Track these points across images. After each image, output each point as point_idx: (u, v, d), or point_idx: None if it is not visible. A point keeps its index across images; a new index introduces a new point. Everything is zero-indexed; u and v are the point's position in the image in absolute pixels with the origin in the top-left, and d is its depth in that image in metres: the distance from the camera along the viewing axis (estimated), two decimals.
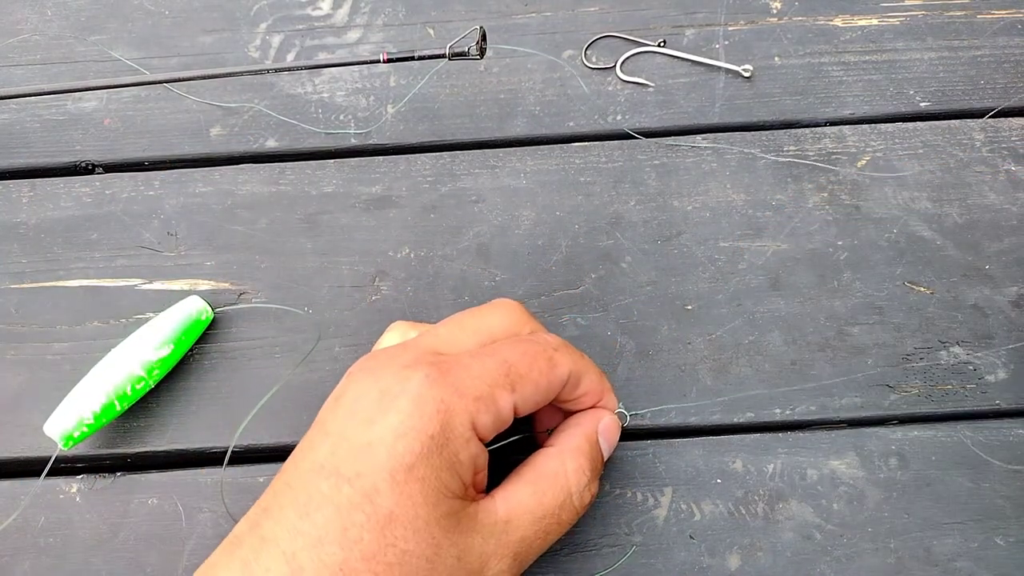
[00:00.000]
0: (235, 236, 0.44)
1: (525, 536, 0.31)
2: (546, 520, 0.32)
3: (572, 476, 0.32)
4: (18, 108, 0.48)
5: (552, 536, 0.32)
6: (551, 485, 0.32)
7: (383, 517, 0.28)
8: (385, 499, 0.28)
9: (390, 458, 0.28)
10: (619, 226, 0.44)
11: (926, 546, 0.37)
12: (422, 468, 0.28)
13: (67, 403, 0.37)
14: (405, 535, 0.28)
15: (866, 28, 0.48)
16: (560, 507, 0.32)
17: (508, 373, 0.31)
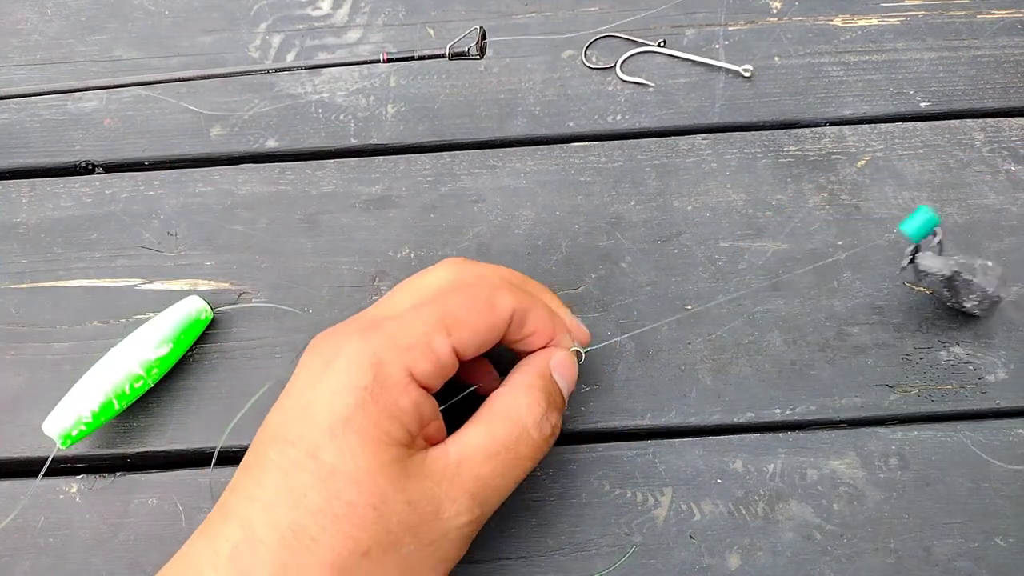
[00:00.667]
0: (235, 236, 0.44)
1: (480, 475, 0.30)
2: (502, 456, 0.31)
3: (525, 409, 0.32)
4: (18, 108, 0.48)
5: (513, 472, 0.31)
6: (504, 421, 0.32)
7: (325, 472, 0.29)
8: (326, 454, 0.29)
9: (328, 415, 0.29)
10: (619, 226, 0.44)
11: (926, 546, 0.37)
12: (358, 419, 0.29)
13: (65, 402, 0.37)
14: (348, 487, 0.28)
15: (866, 28, 0.48)
16: (516, 441, 0.31)
17: (443, 318, 0.31)
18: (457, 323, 0.32)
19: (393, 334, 0.31)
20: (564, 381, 0.34)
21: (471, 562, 0.37)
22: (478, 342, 0.32)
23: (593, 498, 0.38)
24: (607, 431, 0.40)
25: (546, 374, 0.33)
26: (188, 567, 0.30)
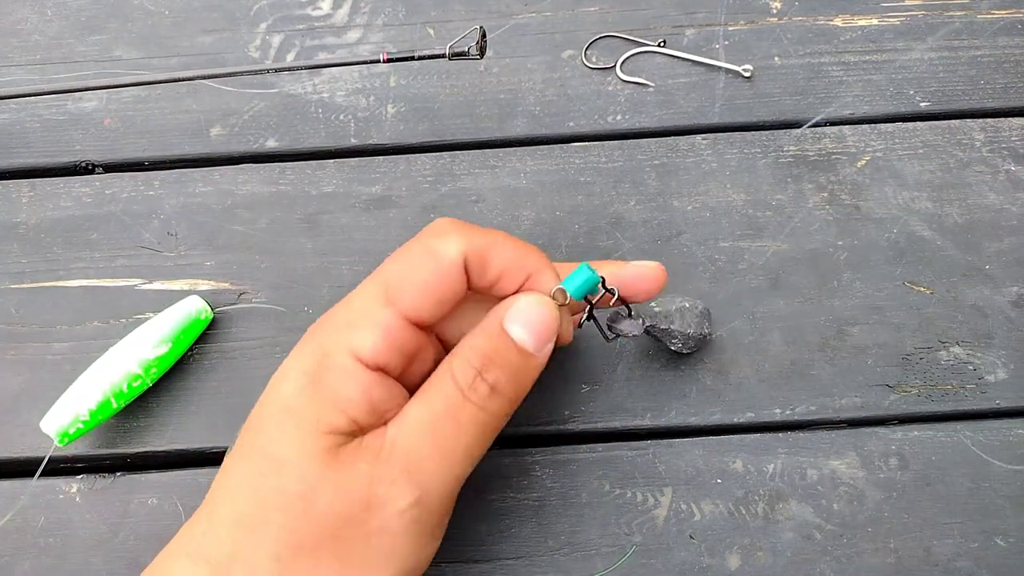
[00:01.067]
0: (235, 236, 0.44)
1: (413, 447, 0.27)
2: (439, 424, 0.28)
3: (457, 372, 0.28)
4: (18, 108, 0.48)
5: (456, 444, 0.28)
6: (438, 388, 0.28)
7: (267, 459, 0.28)
8: (268, 442, 0.28)
9: (274, 402, 0.28)
10: (619, 226, 0.44)
11: (926, 546, 0.37)
12: (297, 406, 0.28)
13: (64, 400, 0.37)
14: (280, 476, 0.27)
15: (866, 28, 0.48)
16: (452, 408, 0.28)
17: (383, 286, 0.29)
18: (398, 287, 0.29)
19: (334, 316, 0.29)
20: (526, 330, 0.29)
21: (471, 561, 0.37)
22: (431, 301, 0.29)
23: (593, 498, 0.38)
24: (607, 431, 0.40)
25: (491, 329, 0.29)
26: (170, 554, 0.29)
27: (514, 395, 0.29)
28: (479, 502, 0.38)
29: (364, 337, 0.28)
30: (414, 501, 0.27)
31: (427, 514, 0.28)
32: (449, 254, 0.29)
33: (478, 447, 0.29)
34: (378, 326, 0.28)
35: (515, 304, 0.29)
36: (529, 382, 0.30)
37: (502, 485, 0.38)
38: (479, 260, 0.29)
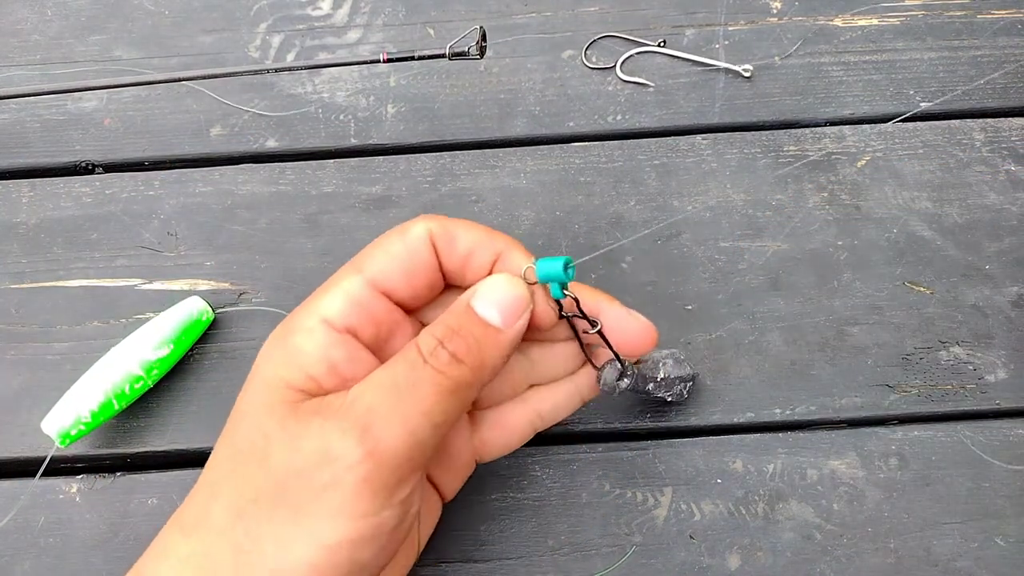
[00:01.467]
0: (235, 236, 0.44)
1: (370, 403, 0.27)
2: (397, 383, 0.28)
3: (421, 341, 0.29)
4: (18, 108, 0.48)
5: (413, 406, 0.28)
6: (401, 356, 0.29)
7: (235, 417, 0.29)
8: (239, 401, 0.30)
9: (253, 365, 0.30)
10: (619, 226, 0.44)
11: (926, 546, 0.37)
12: (263, 366, 0.29)
13: (65, 401, 0.37)
14: (241, 427, 0.29)
15: (866, 28, 0.48)
16: (412, 371, 0.28)
17: (354, 261, 0.30)
18: (368, 259, 0.30)
19: (312, 292, 0.30)
20: (492, 306, 0.29)
21: (471, 561, 0.37)
22: (397, 270, 0.30)
23: (593, 498, 0.38)
24: (607, 431, 0.40)
25: (456, 307, 0.30)
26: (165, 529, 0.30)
27: (477, 364, 0.29)
28: (479, 502, 0.38)
29: (331, 301, 0.29)
30: (366, 454, 0.27)
31: (381, 471, 0.27)
32: (415, 229, 0.31)
33: (439, 412, 0.28)
34: (344, 291, 0.29)
35: (482, 283, 0.30)
36: (497, 354, 0.30)
37: (502, 485, 0.39)
38: (446, 236, 0.31)
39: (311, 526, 0.27)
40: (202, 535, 0.28)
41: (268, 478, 0.27)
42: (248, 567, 0.27)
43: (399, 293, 0.31)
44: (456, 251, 0.31)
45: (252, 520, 0.27)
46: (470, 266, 0.31)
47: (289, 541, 0.27)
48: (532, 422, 0.35)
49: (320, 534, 0.27)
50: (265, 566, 0.27)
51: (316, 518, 0.27)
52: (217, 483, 0.29)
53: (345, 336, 0.29)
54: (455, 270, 0.31)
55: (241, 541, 0.27)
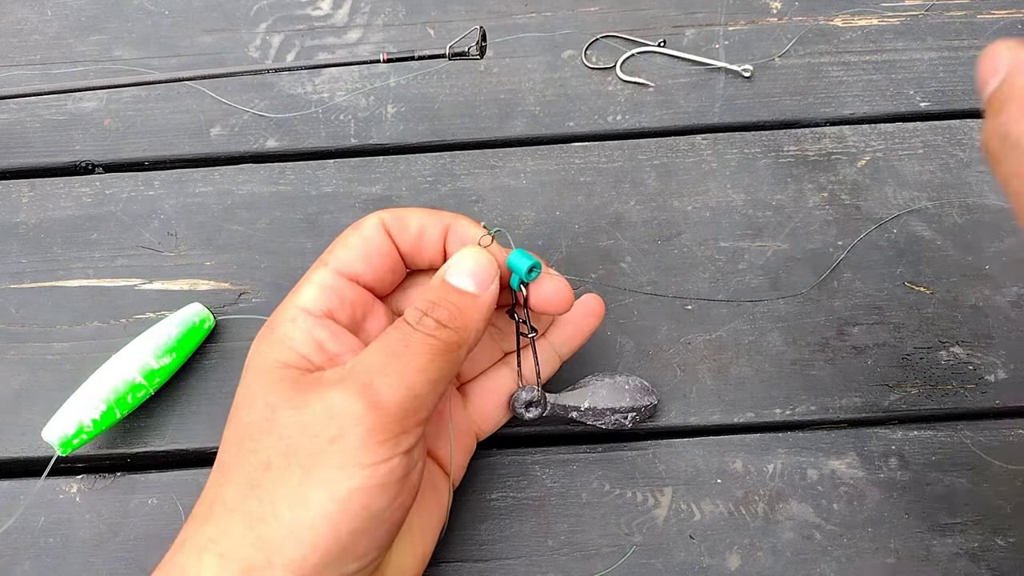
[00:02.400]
0: (235, 236, 0.44)
1: (368, 365, 0.30)
2: (391, 346, 0.30)
3: (408, 315, 0.32)
4: (18, 108, 0.48)
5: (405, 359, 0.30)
6: (391, 328, 0.32)
7: (231, 412, 0.31)
8: (237, 397, 0.31)
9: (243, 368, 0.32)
10: (619, 226, 0.44)
11: (926, 546, 0.37)
12: (254, 359, 0.32)
13: (66, 409, 0.37)
14: (245, 407, 0.31)
15: (866, 28, 0.48)
16: (404, 336, 0.31)
17: (320, 258, 0.34)
18: (330, 253, 0.34)
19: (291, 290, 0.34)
20: (464, 276, 0.32)
21: (471, 561, 0.37)
22: (357, 256, 0.33)
23: (593, 498, 0.38)
24: (607, 432, 0.40)
25: (433, 283, 0.33)
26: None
27: (462, 326, 0.32)
28: (479, 502, 0.38)
29: (305, 292, 0.33)
30: (369, 406, 0.29)
31: (385, 421, 0.29)
32: (368, 221, 0.34)
33: (434, 369, 0.30)
34: (315, 282, 0.33)
35: (452, 259, 0.33)
36: (477, 317, 0.32)
37: (502, 485, 0.39)
38: (397, 222, 0.34)
39: (323, 479, 0.28)
40: (216, 518, 0.29)
41: (278, 442, 0.29)
42: (266, 534, 0.28)
43: (364, 277, 0.34)
44: (408, 231, 0.34)
45: (264, 488, 0.28)
46: (423, 242, 0.34)
47: (303, 499, 0.28)
48: (516, 381, 0.37)
49: (333, 486, 0.28)
50: (282, 528, 0.28)
51: (327, 470, 0.28)
52: (226, 466, 0.30)
53: (324, 319, 0.32)
54: (411, 250, 0.34)
55: (254, 511, 0.28)
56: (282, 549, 0.28)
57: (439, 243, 0.34)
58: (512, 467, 0.39)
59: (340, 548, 0.28)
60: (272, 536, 0.28)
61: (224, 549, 0.28)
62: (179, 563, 0.29)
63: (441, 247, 0.34)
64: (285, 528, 0.28)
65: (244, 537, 0.28)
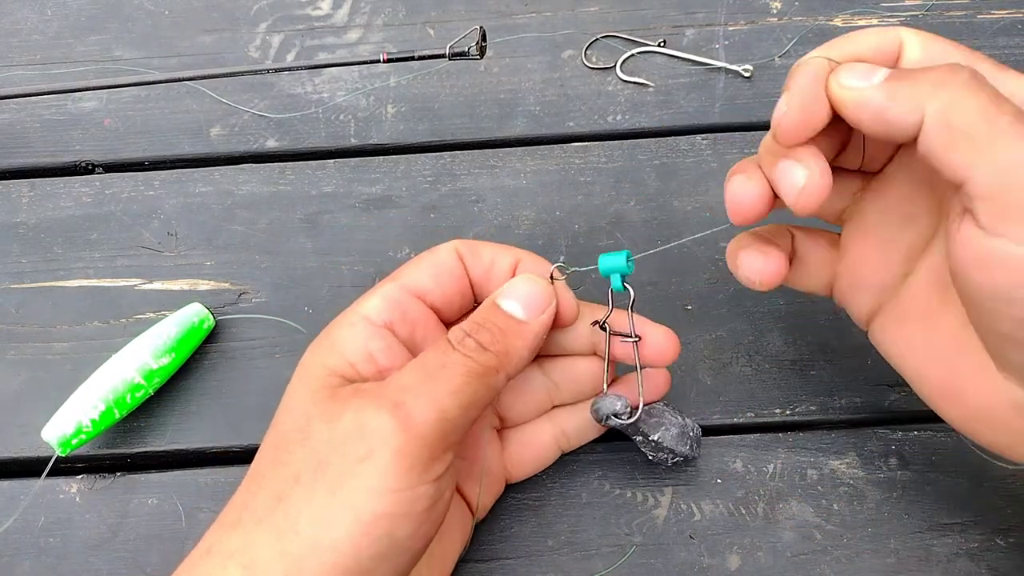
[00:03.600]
0: (235, 236, 0.44)
1: (402, 383, 0.29)
2: (428, 365, 0.30)
3: (451, 334, 0.31)
4: (18, 108, 0.48)
5: (439, 380, 0.29)
6: (431, 347, 0.31)
7: (280, 410, 0.31)
8: (285, 396, 0.31)
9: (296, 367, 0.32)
10: (619, 226, 0.44)
11: (926, 546, 0.37)
12: (307, 359, 0.32)
13: (66, 409, 0.37)
14: (284, 416, 0.31)
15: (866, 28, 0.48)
16: (442, 355, 0.30)
17: (391, 275, 0.34)
18: (402, 271, 0.34)
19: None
20: (516, 301, 0.32)
21: (471, 561, 0.37)
22: (427, 274, 0.33)
23: (593, 498, 0.38)
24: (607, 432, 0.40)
25: (484, 305, 0.33)
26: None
27: (502, 351, 0.31)
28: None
29: (370, 301, 0.33)
30: (399, 427, 0.28)
31: (414, 444, 0.28)
32: (443, 246, 0.34)
33: (468, 393, 0.30)
34: (381, 293, 0.33)
35: (506, 284, 0.33)
36: (521, 344, 0.32)
37: None
38: (470, 249, 0.34)
39: (348, 500, 0.28)
40: (245, 527, 0.29)
41: (310, 456, 0.29)
42: (290, 549, 0.28)
43: (432, 295, 0.33)
44: (480, 260, 0.34)
45: (291, 501, 0.28)
46: (493, 272, 0.34)
47: (328, 517, 0.28)
48: (557, 439, 0.37)
49: (358, 508, 0.28)
50: (305, 544, 0.27)
51: (353, 492, 0.28)
52: (260, 474, 0.30)
53: (382, 330, 0.32)
54: (481, 279, 0.34)
55: (281, 524, 0.28)
56: (302, 566, 0.27)
57: (508, 274, 0.34)
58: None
59: (359, 571, 0.28)
60: (295, 552, 0.28)
61: (249, 560, 0.28)
62: (203, 570, 0.28)
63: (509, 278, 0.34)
64: (308, 546, 0.27)
65: (270, 550, 0.28)
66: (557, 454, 0.37)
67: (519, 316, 0.32)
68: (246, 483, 0.30)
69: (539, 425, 0.37)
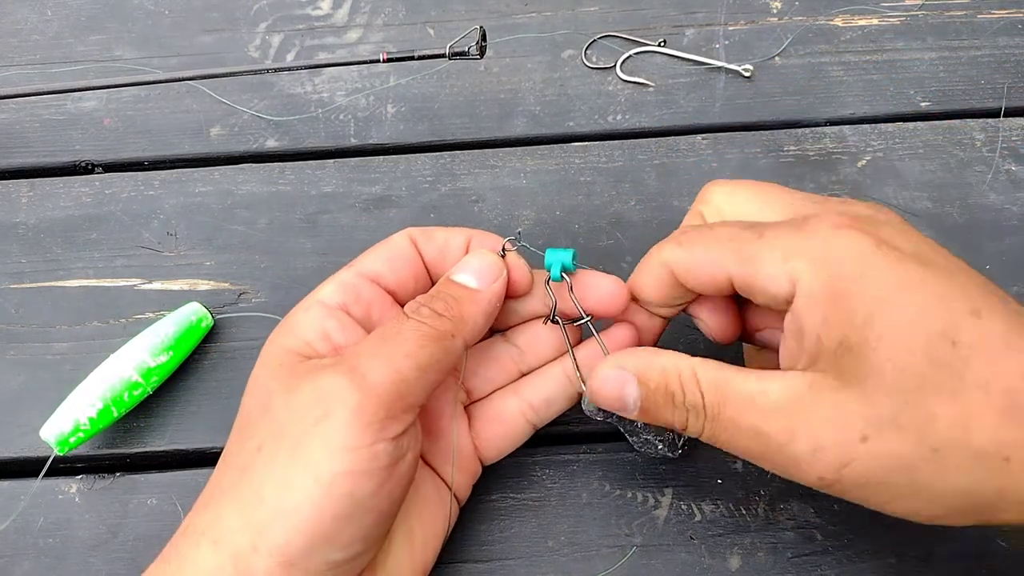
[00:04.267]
0: (235, 236, 0.44)
1: (359, 350, 0.30)
2: (383, 335, 0.31)
3: (408, 305, 0.32)
4: (17, 108, 0.48)
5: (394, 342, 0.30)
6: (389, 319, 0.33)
7: (245, 395, 0.32)
8: (248, 382, 0.32)
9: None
10: (619, 226, 0.44)
11: (927, 546, 0.37)
12: (267, 346, 0.33)
13: (64, 408, 0.37)
14: (247, 398, 0.32)
15: (866, 28, 0.48)
16: (397, 323, 0.31)
17: (350, 262, 0.35)
18: (358, 259, 0.35)
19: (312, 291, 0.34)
20: (466, 273, 0.33)
21: (471, 562, 0.37)
22: (381, 259, 0.34)
23: (593, 499, 0.38)
24: (608, 431, 0.40)
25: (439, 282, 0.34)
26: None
27: (457, 316, 0.32)
28: (479, 502, 0.38)
29: (325, 287, 0.34)
30: (354, 387, 0.29)
31: (369, 402, 0.29)
32: (398, 235, 0.35)
33: (424, 355, 0.30)
34: (336, 279, 0.34)
35: (460, 261, 0.34)
36: (476, 310, 0.33)
37: (502, 486, 0.38)
38: (424, 234, 0.35)
39: (308, 462, 0.28)
40: (214, 503, 0.29)
41: (270, 426, 0.30)
42: (253, 519, 0.28)
43: (386, 278, 0.34)
44: (434, 243, 0.35)
45: (253, 471, 0.29)
46: (447, 252, 0.35)
47: (288, 481, 0.28)
48: (524, 414, 0.36)
49: (317, 468, 0.28)
50: (268, 511, 0.28)
51: (312, 452, 0.28)
52: (229, 452, 0.31)
53: (337, 311, 0.33)
54: (435, 260, 0.35)
55: (244, 495, 0.29)
56: (266, 533, 0.28)
57: (461, 252, 0.35)
58: (512, 468, 0.39)
59: (324, 533, 0.28)
60: (258, 520, 0.28)
61: (217, 535, 0.28)
62: (178, 551, 0.29)
63: (462, 256, 0.35)
64: (270, 511, 0.28)
65: (234, 522, 0.28)
66: (528, 429, 0.36)
67: (472, 286, 0.33)
68: (218, 465, 0.31)
69: (506, 398, 0.36)
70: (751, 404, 0.29)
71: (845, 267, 0.28)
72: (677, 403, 0.30)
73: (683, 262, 0.32)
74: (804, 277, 0.28)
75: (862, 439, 0.27)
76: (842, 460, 0.27)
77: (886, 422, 0.26)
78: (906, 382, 0.26)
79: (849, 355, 0.27)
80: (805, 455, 0.28)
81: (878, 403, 0.27)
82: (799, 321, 0.28)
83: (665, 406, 0.31)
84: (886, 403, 0.26)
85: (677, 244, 0.32)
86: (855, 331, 0.27)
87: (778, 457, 0.29)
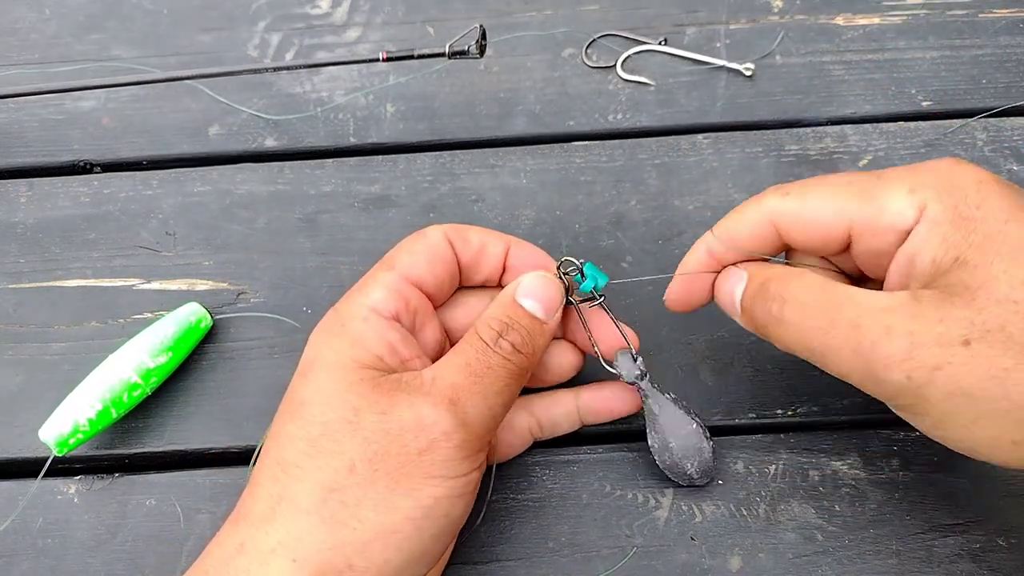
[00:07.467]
0: (233, 236, 0.44)
1: (454, 382, 0.31)
2: (473, 366, 0.31)
3: (482, 332, 0.32)
4: (16, 107, 0.48)
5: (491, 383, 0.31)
6: (467, 343, 0.33)
7: (297, 407, 0.31)
8: (300, 393, 0.31)
9: (303, 363, 0.33)
10: (620, 226, 0.44)
11: (927, 547, 0.37)
12: (326, 354, 0.32)
13: (63, 409, 0.37)
14: (322, 409, 0.31)
15: (867, 27, 0.48)
16: (483, 354, 0.32)
17: (385, 260, 0.34)
18: (395, 257, 0.34)
19: (348, 294, 0.34)
20: (534, 301, 0.34)
21: (471, 563, 0.37)
22: (423, 262, 0.34)
23: (594, 499, 0.38)
24: (608, 432, 0.40)
25: (504, 301, 0.34)
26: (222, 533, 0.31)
27: (531, 352, 0.33)
28: (479, 503, 0.38)
29: (374, 292, 0.33)
30: (459, 424, 0.30)
31: (470, 438, 0.30)
32: (432, 230, 0.35)
33: (507, 391, 0.32)
34: (383, 284, 0.33)
35: (523, 280, 0.34)
36: (543, 343, 0.34)
37: (502, 486, 0.38)
38: (460, 236, 0.35)
39: (411, 487, 0.29)
40: (286, 520, 0.29)
41: (364, 446, 0.29)
42: (348, 538, 0.28)
43: (426, 284, 0.34)
44: (470, 245, 0.35)
45: (347, 492, 0.29)
46: (484, 257, 0.35)
47: (390, 504, 0.29)
48: (531, 429, 0.37)
49: (420, 494, 0.29)
50: (367, 532, 0.29)
51: (416, 479, 0.29)
52: (294, 464, 0.30)
53: (393, 322, 0.33)
54: (470, 263, 0.35)
55: (336, 514, 0.29)
56: (365, 553, 0.28)
57: (499, 260, 0.35)
58: (512, 468, 0.39)
59: (421, 551, 0.30)
60: (354, 540, 0.28)
61: (297, 553, 0.28)
62: (239, 567, 0.28)
63: (501, 264, 0.35)
64: (370, 532, 0.29)
65: (322, 541, 0.28)
66: (530, 441, 0.38)
67: (539, 316, 0.33)
68: (273, 474, 0.30)
69: (516, 411, 0.37)
70: (851, 300, 0.29)
71: (968, 194, 0.28)
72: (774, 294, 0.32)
73: (793, 212, 0.31)
74: (931, 204, 0.29)
75: (964, 342, 0.27)
76: (937, 361, 0.27)
77: (994, 329, 0.26)
78: (1019, 292, 0.26)
79: (964, 269, 0.27)
80: (899, 352, 0.27)
81: (987, 310, 0.26)
82: (916, 247, 0.29)
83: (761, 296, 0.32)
84: (996, 311, 0.26)
85: (783, 195, 0.32)
86: (973, 248, 0.27)
87: (869, 354, 0.28)
